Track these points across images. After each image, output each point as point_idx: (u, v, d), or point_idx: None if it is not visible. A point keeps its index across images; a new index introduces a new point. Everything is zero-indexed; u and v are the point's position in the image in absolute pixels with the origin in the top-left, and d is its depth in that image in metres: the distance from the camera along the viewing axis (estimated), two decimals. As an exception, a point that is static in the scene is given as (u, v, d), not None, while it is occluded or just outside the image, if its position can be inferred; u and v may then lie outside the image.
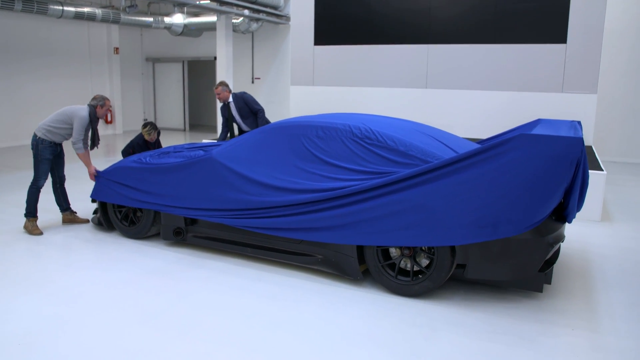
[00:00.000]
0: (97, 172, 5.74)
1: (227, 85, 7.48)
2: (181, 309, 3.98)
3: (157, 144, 7.13)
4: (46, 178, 5.78)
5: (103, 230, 5.88)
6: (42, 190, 5.81)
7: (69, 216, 6.16)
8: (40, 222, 5.94)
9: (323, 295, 4.24)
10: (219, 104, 13.88)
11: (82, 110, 5.70)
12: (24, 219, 5.87)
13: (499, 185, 3.76)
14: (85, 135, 5.75)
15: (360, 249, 4.38)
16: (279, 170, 4.64)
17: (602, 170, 6.78)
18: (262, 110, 7.56)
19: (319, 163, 4.54)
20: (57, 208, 6.26)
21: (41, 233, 5.72)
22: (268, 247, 4.85)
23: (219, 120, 9.51)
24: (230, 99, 7.49)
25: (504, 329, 3.71)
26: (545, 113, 8.63)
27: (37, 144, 5.67)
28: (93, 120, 5.75)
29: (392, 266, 4.29)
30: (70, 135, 5.75)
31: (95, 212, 6.06)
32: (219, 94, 7.43)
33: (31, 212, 5.75)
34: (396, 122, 4.96)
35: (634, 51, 11.49)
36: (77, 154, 5.69)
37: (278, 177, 4.63)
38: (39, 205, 5.84)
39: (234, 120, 7.59)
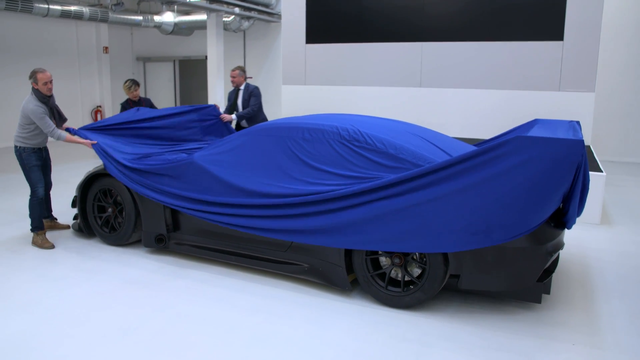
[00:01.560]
0: (94, 146, 5.39)
1: (244, 71, 7.47)
2: (157, 324, 3.74)
3: (148, 106, 7.27)
4: (43, 185, 5.43)
5: (83, 236, 5.64)
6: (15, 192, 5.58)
7: (49, 223, 5.87)
8: (17, 228, 5.70)
9: (308, 308, 4.00)
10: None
11: (29, 102, 5.24)
12: (32, 234, 5.50)
13: (493, 189, 3.53)
14: (54, 120, 5.42)
15: (348, 258, 4.15)
16: (263, 175, 4.40)
17: (602, 171, 6.57)
18: (251, 111, 7.31)
19: (305, 167, 4.30)
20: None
21: (52, 246, 5.35)
22: (253, 256, 4.62)
23: (223, 107, 9.12)
24: (242, 87, 7.42)
25: (499, 344, 3.49)
26: (542, 112, 8.40)
27: (21, 154, 5.36)
28: (44, 102, 5.27)
29: (383, 276, 4.06)
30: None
31: (75, 217, 5.82)
32: (234, 77, 7.37)
33: (38, 225, 5.42)
34: (387, 123, 4.73)
35: (632, 48, 11.29)
36: (61, 140, 5.32)
37: (262, 182, 4.39)
38: (17, 209, 5.60)
39: (236, 109, 7.48)
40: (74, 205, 5.68)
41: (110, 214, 5.36)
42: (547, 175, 3.45)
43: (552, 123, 4.82)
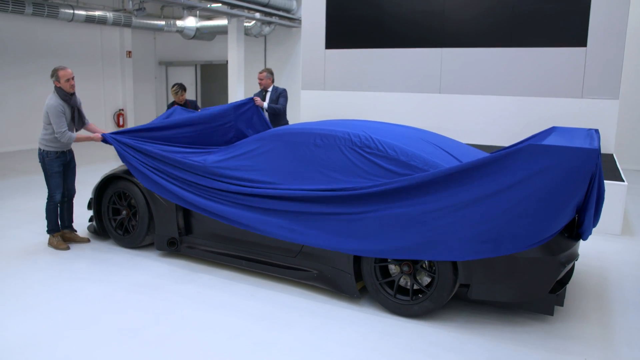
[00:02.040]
0: (104, 134, 5.25)
1: (272, 73, 7.51)
2: (161, 328, 3.74)
3: (193, 107, 7.34)
4: (61, 191, 5.35)
5: (98, 238, 5.70)
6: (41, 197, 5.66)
7: (69, 234, 5.62)
8: (34, 229, 5.78)
9: (315, 315, 3.96)
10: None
11: (50, 100, 5.12)
12: (48, 236, 5.52)
13: (504, 198, 3.46)
14: (70, 121, 5.25)
15: (357, 265, 4.11)
16: (274, 180, 4.39)
17: (623, 180, 6.40)
18: (280, 107, 7.34)
19: (316, 174, 4.27)
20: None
21: (67, 248, 5.36)
22: (263, 261, 4.60)
23: None
24: (270, 89, 7.44)
25: (506, 356, 3.40)
26: (565, 119, 8.25)
27: (44, 158, 5.25)
28: (66, 100, 5.15)
29: (392, 284, 4.01)
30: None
31: (90, 219, 5.89)
32: (261, 80, 7.39)
33: (53, 228, 5.40)
34: (399, 130, 4.68)
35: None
36: (71, 141, 5.17)
37: (273, 186, 4.38)
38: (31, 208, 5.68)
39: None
40: (89, 207, 5.75)
41: (125, 217, 5.41)
42: (560, 184, 3.37)
43: (569, 131, 4.71)
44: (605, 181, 6.09)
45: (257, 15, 12.64)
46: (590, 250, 5.51)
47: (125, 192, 5.34)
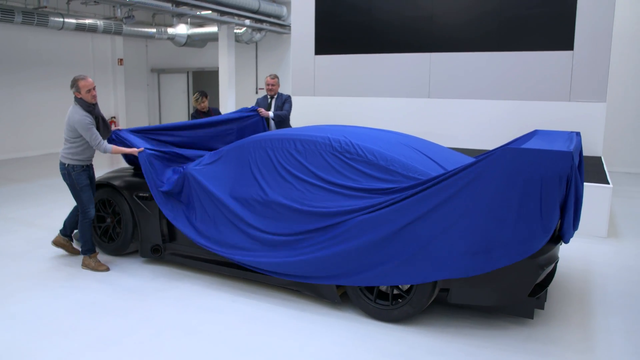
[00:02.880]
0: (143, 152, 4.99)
1: (279, 79, 7.40)
2: (144, 334, 3.73)
3: (215, 114, 7.25)
4: (94, 205, 5.10)
5: (83, 246, 5.68)
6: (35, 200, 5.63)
7: (63, 241, 5.40)
8: (21, 237, 5.75)
9: (297, 320, 3.96)
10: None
11: (74, 113, 4.86)
12: (83, 257, 5.12)
13: (483, 204, 3.45)
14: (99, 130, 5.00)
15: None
16: (254, 190, 4.39)
17: (609, 183, 6.42)
18: (287, 113, 7.24)
19: (296, 180, 4.27)
20: (44, 224, 6.08)
21: (107, 269, 5.01)
22: (245, 267, 4.59)
23: None
24: (275, 96, 7.30)
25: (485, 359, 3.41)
26: (552, 123, 8.28)
27: (69, 173, 4.95)
28: (89, 111, 4.89)
29: (372, 289, 4.00)
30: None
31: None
32: (273, 85, 7.21)
33: (90, 248, 5.06)
34: (380, 134, 4.68)
35: (645, 58, 11.08)
36: (107, 152, 4.94)
37: (254, 197, 4.38)
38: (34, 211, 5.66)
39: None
40: (75, 215, 5.74)
41: (109, 224, 5.40)
42: (536, 188, 3.36)
43: (551, 134, 4.72)
44: (590, 184, 6.19)
45: (248, 22, 12.68)
46: (575, 253, 5.52)
47: (109, 199, 5.33)
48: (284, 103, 7.26)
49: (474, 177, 3.46)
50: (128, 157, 5.61)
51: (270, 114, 6.94)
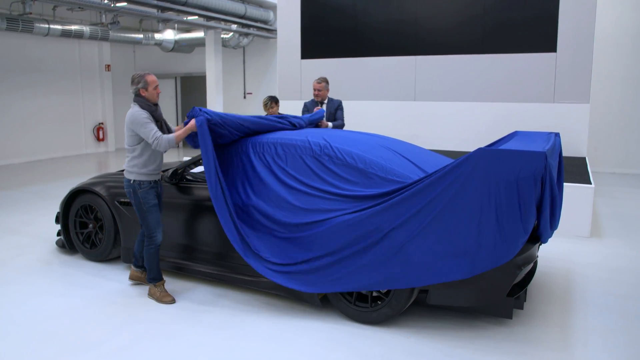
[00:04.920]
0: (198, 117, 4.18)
1: (328, 83, 6.64)
2: (123, 339, 3.72)
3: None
4: (162, 229, 4.47)
5: (66, 252, 5.65)
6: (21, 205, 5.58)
7: (139, 274, 4.73)
8: (9, 243, 5.71)
9: (277, 324, 3.95)
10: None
11: (135, 112, 4.25)
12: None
13: (458, 207, 3.46)
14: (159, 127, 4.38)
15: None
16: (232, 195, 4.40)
17: (591, 183, 6.46)
18: (343, 122, 6.63)
19: (276, 184, 4.27)
20: (29, 231, 6.05)
21: (173, 300, 4.37)
22: (226, 270, 4.59)
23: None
24: (325, 101, 6.62)
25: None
26: (536, 124, 8.33)
27: (135, 190, 4.32)
28: (151, 111, 4.32)
29: (351, 292, 4.00)
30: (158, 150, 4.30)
31: (58, 234, 5.84)
32: (319, 91, 6.50)
33: (155, 276, 4.44)
34: (359, 137, 4.69)
35: (629, 58, 11.19)
36: (172, 144, 4.20)
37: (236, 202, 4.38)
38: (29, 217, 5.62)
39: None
40: (57, 221, 5.71)
41: (91, 230, 5.38)
42: (513, 189, 3.39)
43: (530, 135, 4.76)
44: (573, 184, 6.23)
45: (234, 26, 12.69)
46: (557, 253, 5.55)
47: (91, 205, 5.31)
48: (337, 110, 6.60)
49: (452, 180, 3.47)
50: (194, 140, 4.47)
51: (330, 124, 6.23)
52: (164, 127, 4.44)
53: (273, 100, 7.06)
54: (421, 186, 3.56)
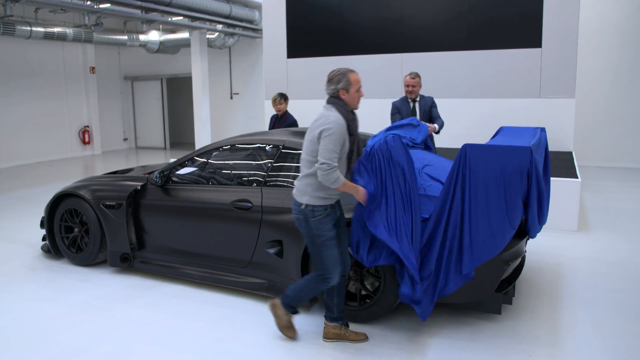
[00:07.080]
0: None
1: (420, 78, 5.98)
2: (111, 344, 3.67)
3: (290, 124, 7.03)
4: (340, 269, 3.47)
5: (52, 258, 5.57)
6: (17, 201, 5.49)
7: (338, 330, 3.63)
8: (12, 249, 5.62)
9: (264, 326, 3.91)
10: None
11: (337, 120, 3.32)
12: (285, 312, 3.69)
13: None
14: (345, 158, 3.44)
15: (306, 273, 4.07)
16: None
17: (577, 177, 6.49)
18: (444, 122, 5.92)
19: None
20: (15, 237, 5.95)
21: (294, 335, 3.67)
22: (214, 273, 4.55)
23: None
24: (417, 98, 6.03)
25: (451, 355, 3.40)
26: (523, 119, 8.35)
27: (307, 218, 3.39)
28: (349, 120, 3.39)
29: (341, 290, 3.98)
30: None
31: (43, 239, 5.76)
32: (414, 87, 5.84)
33: (294, 309, 3.68)
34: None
35: (614, 52, 11.27)
36: (336, 185, 3.26)
37: None
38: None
39: None
40: (42, 226, 5.63)
41: (77, 234, 5.31)
42: (499, 184, 3.39)
43: (516, 130, 4.77)
44: (560, 178, 6.25)
45: (219, 27, 12.61)
46: (545, 247, 5.57)
47: (76, 209, 5.24)
48: (431, 108, 5.96)
49: (454, 180, 3.46)
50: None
51: (436, 126, 5.66)
52: (354, 150, 3.45)
53: (282, 97, 7.20)
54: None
